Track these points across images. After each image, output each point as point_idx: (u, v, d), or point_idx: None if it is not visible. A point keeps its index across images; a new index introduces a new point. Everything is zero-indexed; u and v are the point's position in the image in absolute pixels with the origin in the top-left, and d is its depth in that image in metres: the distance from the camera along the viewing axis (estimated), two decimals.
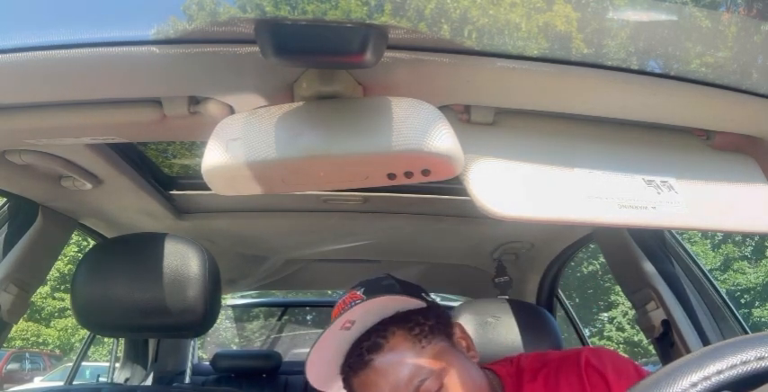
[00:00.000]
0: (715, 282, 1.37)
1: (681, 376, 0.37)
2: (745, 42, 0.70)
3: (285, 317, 3.91)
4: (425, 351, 0.91)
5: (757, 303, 17.51)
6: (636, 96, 0.75)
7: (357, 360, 0.92)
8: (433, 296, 1.07)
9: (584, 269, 18.56)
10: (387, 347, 0.91)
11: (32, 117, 0.81)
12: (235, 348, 4.84)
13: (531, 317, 1.39)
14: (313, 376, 0.94)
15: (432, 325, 0.94)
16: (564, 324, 2.41)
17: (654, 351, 1.39)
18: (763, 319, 16.81)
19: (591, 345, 2.36)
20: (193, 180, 1.53)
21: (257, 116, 0.68)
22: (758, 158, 0.85)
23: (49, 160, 1.09)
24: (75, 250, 13.23)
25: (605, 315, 18.96)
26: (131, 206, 1.46)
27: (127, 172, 1.26)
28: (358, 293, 0.96)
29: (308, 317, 5.59)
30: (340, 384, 0.96)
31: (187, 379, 2.10)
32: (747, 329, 1.32)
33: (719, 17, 0.70)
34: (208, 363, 2.72)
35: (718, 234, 15.37)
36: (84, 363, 2.36)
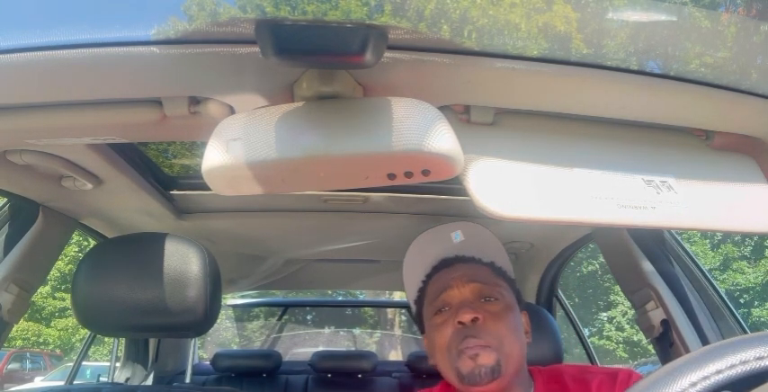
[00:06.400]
0: (714, 282, 1.37)
1: (680, 375, 0.37)
2: (744, 42, 0.70)
3: (285, 317, 3.91)
4: (501, 286, 1.02)
5: (756, 303, 17.49)
6: (636, 96, 0.75)
7: (446, 262, 1.06)
8: None
9: (584, 269, 18.54)
10: (474, 267, 1.04)
11: (33, 117, 0.81)
12: (235, 348, 4.84)
13: (531, 317, 1.39)
14: (411, 260, 1.11)
15: (509, 286, 1.05)
16: (563, 323, 2.41)
17: (653, 351, 1.39)
18: (762, 319, 16.79)
19: (591, 345, 2.37)
20: (194, 180, 1.53)
21: (257, 116, 0.68)
22: (758, 158, 0.85)
23: (49, 160, 1.09)
24: (76, 250, 13.22)
25: (605, 314, 18.95)
26: (132, 206, 1.46)
27: (127, 172, 1.26)
28: None
29: (308, 317, 5.59)
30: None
31: (187, 379, 2.10)
32: (747, 329, 1.32)
33: (719, 17, 0.70)
34: (208, 363, 2.72)
35: (718, 234, 15.36)
36: (84, 363, 2.35)
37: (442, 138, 0.64)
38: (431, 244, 1.09)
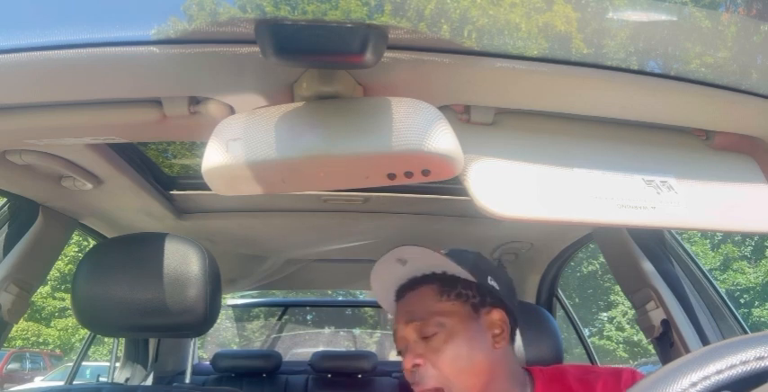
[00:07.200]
0: (714, 282, 1.37)
1: (680, 375, 0.37)
2: (744, 42, 0.70)
3: (285, 317, 3.91)
4: (440, 305, 0.99)
5: (757, 303, 17.48)
6: (636, 96, 0.75)
7: (400, 293, 1.06)
8: None
9: (584, 269, 18.55)
10: (415, 297, 1.02)
11: (33, 117, 0.81)
12: (235, 348, 4.84)
13: (531, 317, 1.39)
14: (378, 296, 1.11)
15: (463, 293, 1.00)
16: (564, 323, 2.41)
17: (653, 351, 1.39)
18: (762, 319, 16.79)
19: (591, 345, 2.37)
20: (193, 180, 1.53)
21: (257, 116, 0.68)
22: (758, 158, 0.85)
23: (49, 160, 1.09)
24: (76, 250, 13.22)
25: (605, 314, 18.95)
26: (132, 206, 1.46)
27: (127, 172, 1.26)
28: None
29: (308, 317, 5.60)
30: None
31: (187, 379, 2.10)
32: (747, 329, 1.32)
33: (719, 17, 0.70)
34: (208, 363, 2.72)
35: (718, 233, 15.37)
36: (84, 363, 2.35)
37: (442, 138, 0.64)
38: (385, 276, 1.06)
